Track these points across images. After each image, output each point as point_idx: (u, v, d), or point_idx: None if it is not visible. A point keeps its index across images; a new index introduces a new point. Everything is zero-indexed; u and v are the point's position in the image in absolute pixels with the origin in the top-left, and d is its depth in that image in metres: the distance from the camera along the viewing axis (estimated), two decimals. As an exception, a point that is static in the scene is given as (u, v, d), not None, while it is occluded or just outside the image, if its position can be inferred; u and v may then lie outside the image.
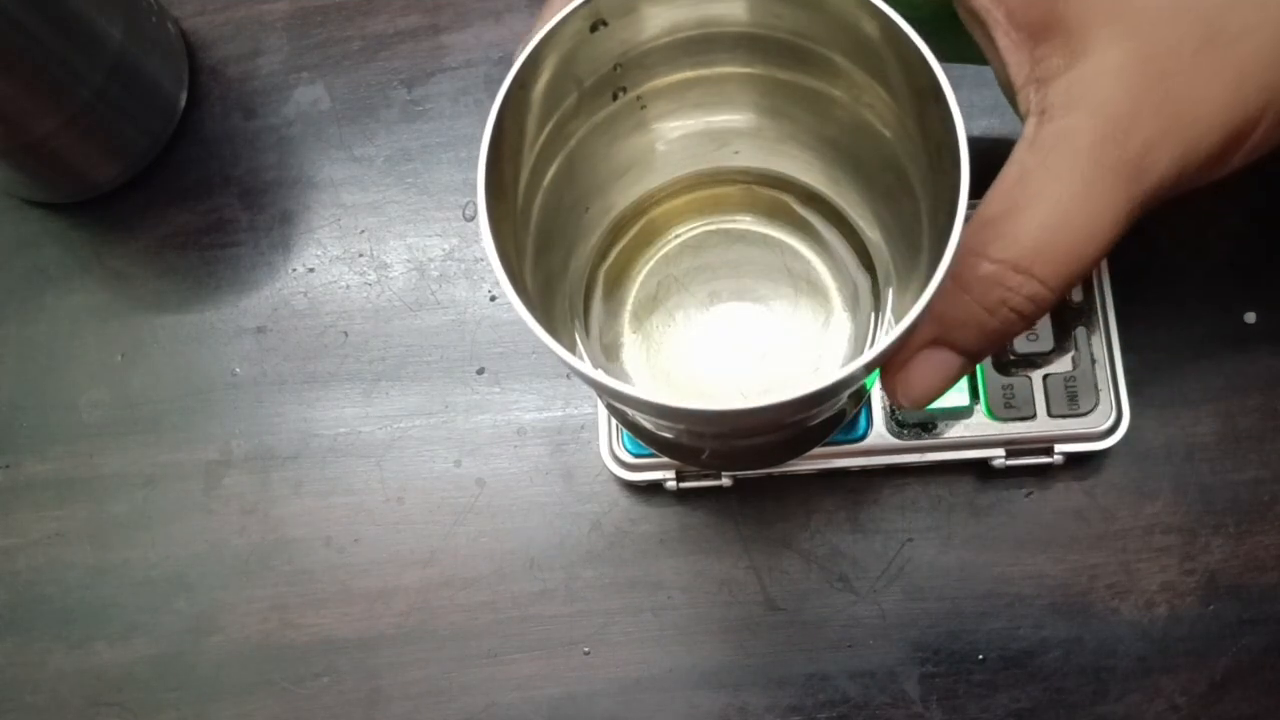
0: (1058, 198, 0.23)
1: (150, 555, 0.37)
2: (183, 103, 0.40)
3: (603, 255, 0.31)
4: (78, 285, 0.39)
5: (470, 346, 0.37)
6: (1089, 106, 0.23)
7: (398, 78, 0.40)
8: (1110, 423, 0.33)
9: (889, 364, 0.26)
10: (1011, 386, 0.33)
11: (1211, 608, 0.34)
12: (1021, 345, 0.33)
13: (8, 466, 0.38)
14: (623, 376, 0.31)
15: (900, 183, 0.27)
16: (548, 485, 0.36)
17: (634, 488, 0.35)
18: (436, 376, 0.37)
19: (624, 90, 0.26)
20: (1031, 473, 0.35)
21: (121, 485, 0.37)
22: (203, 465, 0.37)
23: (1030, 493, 0.35)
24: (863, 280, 0.31)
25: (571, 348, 0.23)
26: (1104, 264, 0.34)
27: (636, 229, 0.31)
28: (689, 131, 0.29)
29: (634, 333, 0.31)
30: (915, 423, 0.34)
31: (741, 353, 0.31)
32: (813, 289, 0.31)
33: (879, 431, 0.34)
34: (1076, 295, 0.34)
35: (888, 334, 0.22)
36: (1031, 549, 0.34)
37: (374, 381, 0.37)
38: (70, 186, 0.39)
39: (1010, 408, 0.33)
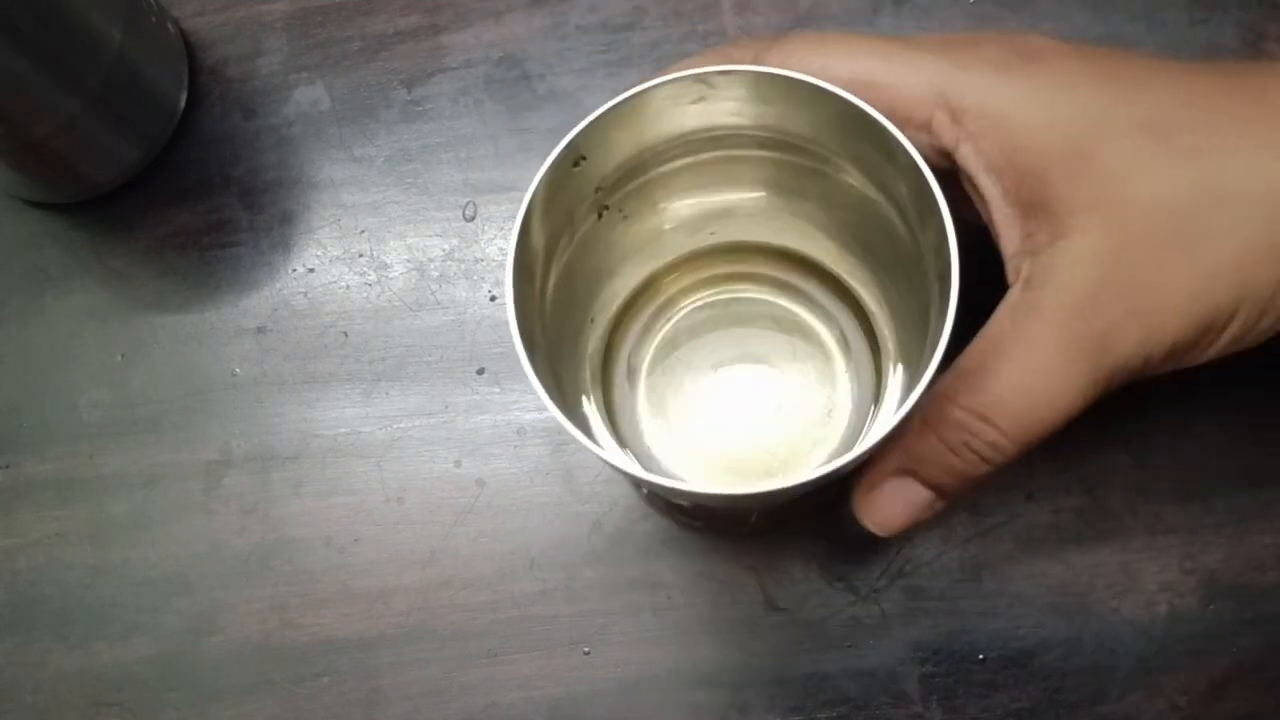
0: (1024, 361, 0.26)
1: (150, 555, 0.37)
2: (183, 103, 0.40)
3: (608, 347, 0.33)
4: (78, 285, 0.39)
5: (470, 346, 0.37)
6: (1062, 282, 0.26)
7: (398, 78, 0.40)
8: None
9: (860, 482, 0.28)
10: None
11: (1211, 608, 0.34)
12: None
13: (8, 466, 0.38)
14: (648, 458, 0.33)
15: (899, 263, 0.29)
16: (548, 485, 0.36)
17: (634, 487, 0.35)
18: (436, 376, 0.37)
19: (606, 208, 0.29)
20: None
21: (121, 485, 0.37)
22: (203, 465, 0.37)
23: (1030, 493, 0.35)
24: (852, 326, 0.33)
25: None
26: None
27: (635, 319, 0.34)
28: (668, 227, 0.32)
29: (653, 416, 0.33)
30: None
31: (756, 412, 0.33)
32: (808, 341, 0.33)
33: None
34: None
35: (858, 447, 0.23)
36: (1031, 548, 0.34)
37: (374, 381, 0.37)
38: (70, 187, 0.39)
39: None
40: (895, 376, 0.31)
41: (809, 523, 0.35)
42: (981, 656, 0.34)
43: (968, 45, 0.27)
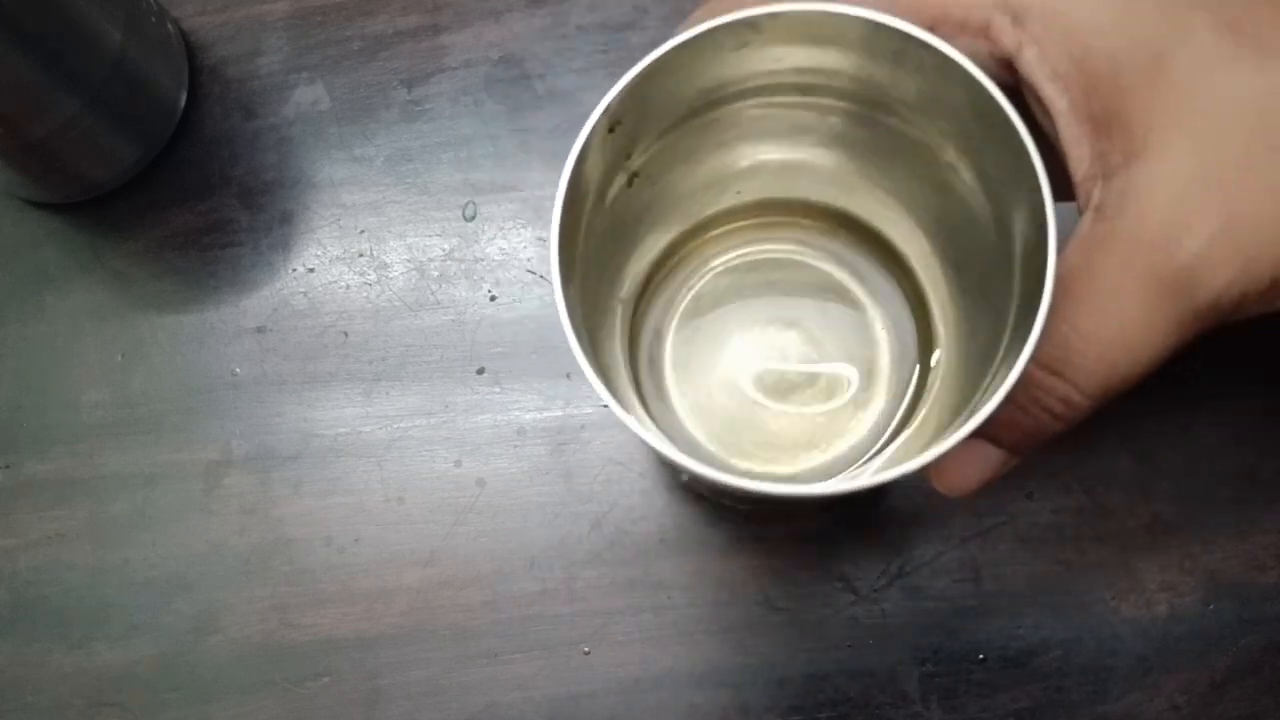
0: (1098, 304, 0.23)
1: (150, 555, 0.37)
2: (183, 103, 0.40)
3: (634, 317, 0.31)
4: (78, 285, 0.39)
5: (470, 346, 0.37)
6: (1140, 210, 0.22)
7: (398, 78, 0.40)
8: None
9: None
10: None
11: (1211, 608, 0.34)
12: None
13: (8, 466, 0.38)
14: (679, 431, 0.31)
15: (959, 221, 0.26)
16: (548, 485, 0.36)
17: (634, 487, 0.35)
18: (436, 376, 0.37)
19: (636, 176, 0.27)
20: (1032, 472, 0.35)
21: (121, 485, 0.37)
22: (203, 465, 0.37)
23: (1030, 493, 0.35)
24: (888, 282, 0.31)
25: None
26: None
27: (662, 286, 0.32)
28: (697, 187, 0.30)
29: (681, 386, 0.32)
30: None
31: (791, 378, 0.31)
32: (842, 300, 0.31)
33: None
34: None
35: (961, 427, 0.21)
36: (1031, 548, 0.34)
37: (374, 381, 0.37)
38: (70, 187, 0.39)
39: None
40: (947, 329, 0.29)
41: (859, 510, 0.34)
42: (981, 656, 0.34)
43: None
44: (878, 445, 0.30)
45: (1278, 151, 0.22)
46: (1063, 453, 0.35)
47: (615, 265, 0.30)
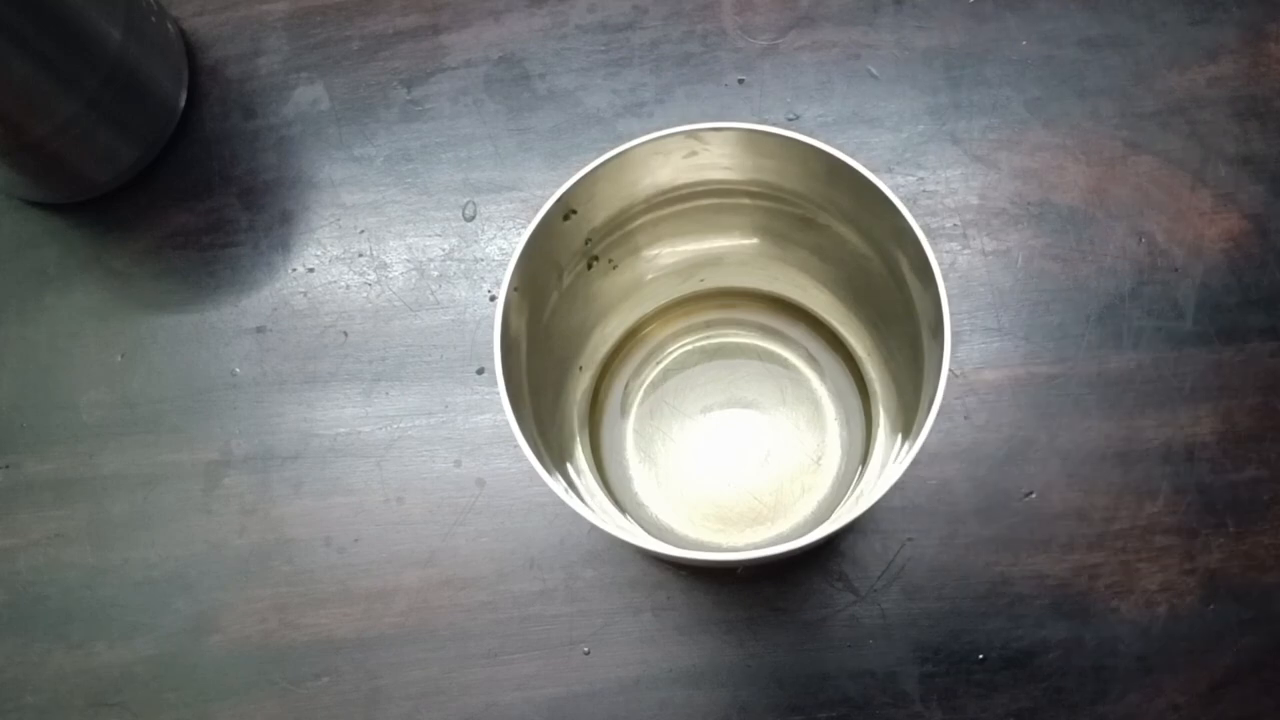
0: None
1: (150, 555, 0.37)
2: (183, 103, 0.40)
3: (596, 392, 0.34)
4: (78, 285, 0.39)
5: (470, 346, 0.37)
6: None
7: (398, 78, 0.40)
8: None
9: None
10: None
11: (1211, 608, 0.34)
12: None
13: (8, 466, 0.38)
14: (635, 503, 0.33)
15: (888, 314, 0.29)
16: (547, 485, 0.36)
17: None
18: (436, 376, 0.37)
19: (595, 259, 0.29)
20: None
21: (121, 485, 0.37)
22: (203, 465, 0.37)
23: (1030, 493, 0.35)
24: (841, 373, 0.33)
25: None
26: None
27: (624, 365, 0.34)
28: (658, 274, 0.33)
29: (640, 461, 0.33)
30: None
31: (745, 457, 0.33)
32: (798, 387, 0.33)
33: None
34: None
35: (884, 476, 0.24)
36: (1031, 549, 0.34)
37: (374, 381, 0.37)
38: (70, 187, 0.39)
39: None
40: (884, 424, 0.32)
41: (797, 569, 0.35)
42: (981, 656, 0.34)
43: None
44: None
45: None
46: (1062, 453, 0.35)
47: (576, 345, 0.32)
